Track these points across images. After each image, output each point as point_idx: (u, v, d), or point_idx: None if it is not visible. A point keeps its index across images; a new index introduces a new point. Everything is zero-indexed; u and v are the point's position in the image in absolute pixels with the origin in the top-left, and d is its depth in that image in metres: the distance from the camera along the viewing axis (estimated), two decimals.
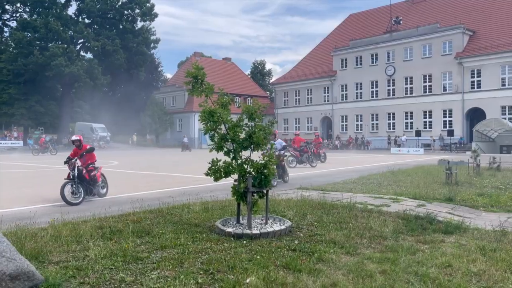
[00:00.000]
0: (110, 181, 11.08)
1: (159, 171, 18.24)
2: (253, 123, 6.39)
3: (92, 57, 52.92)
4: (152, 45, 59.71)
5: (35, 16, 48.64)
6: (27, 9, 51.19)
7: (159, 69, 74.41)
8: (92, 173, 9.95)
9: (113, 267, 4.41)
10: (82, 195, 9.40)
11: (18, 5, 51.48)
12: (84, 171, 9.69)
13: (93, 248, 5.08)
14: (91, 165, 10.13)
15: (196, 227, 6.28)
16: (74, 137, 10.41)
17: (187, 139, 44.07)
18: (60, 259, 4.70)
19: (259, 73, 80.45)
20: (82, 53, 53.59)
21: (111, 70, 52.26)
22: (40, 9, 48.64)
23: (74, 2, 52.40)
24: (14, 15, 52.92)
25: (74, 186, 9.32)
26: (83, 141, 10.34)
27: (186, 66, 60.37)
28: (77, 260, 4.67)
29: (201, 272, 4.27)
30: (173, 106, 57.02)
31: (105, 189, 10.53)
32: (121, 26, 54.74)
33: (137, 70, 56.03)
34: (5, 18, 53.26)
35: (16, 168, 20.93)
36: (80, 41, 52.21)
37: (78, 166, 9.56)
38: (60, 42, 47.98)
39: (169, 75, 75.98)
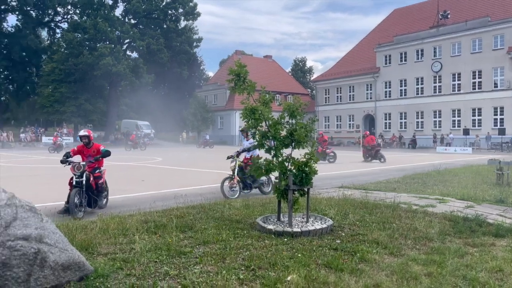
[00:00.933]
0: (155, 177, 11.38)
1: (200, 168, 18.52)
2: (294, 121, 6.36)
3: (137, 56, 54.57)
4: (194, 44, 60.76)
5: (85, 17, 50.75)
6: (77, 11, 53.50)
7: (201, 67, 75.66)
8: (100, 181, 8.19)
9: (157, 260, 4.54)
10: (83, 209, 7.70)
11: (69, 7, 53.99)
12: (91, 179, 7.97)
13: (139, 241, 5.25)
14: (98, 171, 8.27)
15: (237, 224, 6.35)
16: (82, 132, 8.36)
17: (208, 136, 46.46)
18: (108, 251, 4.90)
19: (300, 70, 79.96)
20: (128, 52, 55.40)
21: (155, 69, 53.67)
22: (90, 11, 50.68)
23: (121, 3, 54.24)
24: (65, 17, 55.58)
25: (80, 196, 7.64)
26: (93, 138, 8.49)
27: (228, 64, 60.97)
28: (124, 252, 4.85)
29: (243, 268, 4.31)
30: (215, 104, 57.78)
31: (105, 199, 8.57)
32: (165, 26, 56.06)
33: (180, 68, 57.19)
34: (57, 20, 56.01)
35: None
36: (126, 41, 53.96)
37: (86, 172, 7.84)
38: (107, 42, 49.80)
39: (210, 73, 77.11)
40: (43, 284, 3.65)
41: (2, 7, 50.90)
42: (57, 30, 56.35)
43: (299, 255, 4.74)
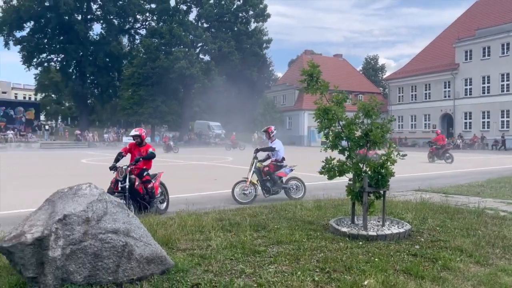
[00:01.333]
0: (226, 177, 11.64)
1: None
2: (369, 121, 6.18)
3: (209, 59, 56.32)
4: (264, 45, 61.36)
5: (161, 23, 53.40)
6: (155, 18, 56.48)
7: (270, 68, 76.21)
8: (149, 185, 7.57)
9: (233, 258, 4.65)
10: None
11: (147, 14, 57.15)
12: (137, 183, 7.39)
13: (215, 238, 5.41)
14: (146, 174, 7.65)
15: (310, 225, 6.31)
16: (134, 132, 7.96)
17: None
18: (186, 247, 5.11)
19: (371, 68, 77.58)
20: (201, 55, 57.39)
21: (226, 71, 55.04)
22: (166, 17, 53.24)
23: (194, 9, 56.35)
24: (143, 23, 58.93)
25: (124, 202, 6.66)
26: (145, 138, 8.03)
27: (297, 64, 60.82)
28: (201, 249, 5.03)
29: (317, 270, 4.27)
30: (283, 104, 57.92)
31: (164, 204, 8.16)
32: (235, 29, 57.27)
33: (250, 70, 58.09)
34: (136, 27, 59.54)
35: None
36: (199, 44, 55.93)
37: (130, 176, 7.30)
38: (182, 46, 51.96)
39: (279, 74, 77.46)
40: (130, 275, 3.89)
41: (89, 16, 55.16)
42: (137, 37, 59.93)
43: (376, 259, 4.59)
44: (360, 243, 5.29)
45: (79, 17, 52.92)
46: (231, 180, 13.93)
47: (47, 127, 51.73)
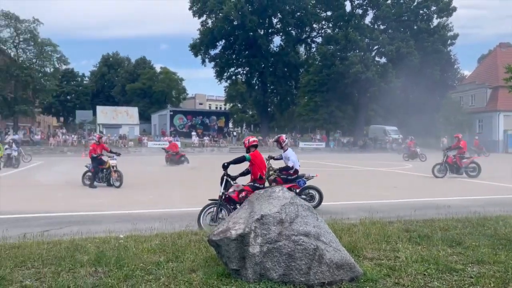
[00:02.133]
0: (407, 184, 10.99)
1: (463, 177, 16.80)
2: None
3: (386, 61, 54.28)
4: (449, 41, 56.02)
5: (337, 30, 53.88)
6: (330, 25, 57.34)
7: (455, 66, 69.04)
8: (242, 195, 7.28)
9: (426, 274, 4.32)
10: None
11: (323, 22, 58.42)
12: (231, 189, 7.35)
13: (403, 250, 5.14)
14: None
15: None
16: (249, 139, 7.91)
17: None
18: (373, 256, 4.98)
19: None
20: (377, 58, 55.75)
21: (404, 72, 52.17)
22: (341, 23, 53.51)
23: (371, 11, 55.10)
24: (319, 32, 60.42)
25: (218, 209, 7.13)
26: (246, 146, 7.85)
27: (489, 60, 53.67)
28: (389, 259, 4.83)
29: None
30: (472, 105, 51.71)
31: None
32: (415, 27, 53.87)
33: (431, 69, 53.72)
34: (312, 35, 61.45)
35: (320, 166, 23.72)
36: (375, 47, 54.44)
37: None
38: (357, 50, 51.41)
39: (466, 72, 69.54)
40: (320, 278, 3.99)
41: (270, 30, 59.44)
42: (313, 45, 61.76)
43: None
44: None
45: (262, 32, 57.44)
46: (411, 188, 13.15)
47: (234, 133, 57.75)
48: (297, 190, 8.98)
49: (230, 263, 4.16)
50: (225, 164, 7.34)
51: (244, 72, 61.07)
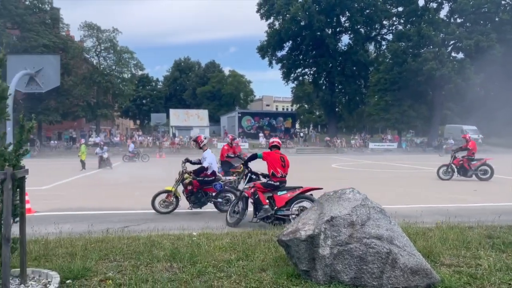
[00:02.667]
0: (487, 187, 10.23)
1: None
2: None
3: (463, 56, 51.00)
4: None
5: (408, 26, 51.58)
6: (401, 21, 55.04)
7: None
8: (251, 190, 7.69)
9: (511, 283, 4.01)
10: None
11: (394, 18, 56.21)
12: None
13: (485, 258, 4.82)
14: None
15: None
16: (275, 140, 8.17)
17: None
18: (451, 263, 4.72)
19: None
20: (453, 54, 52.60)
21: (484, 68, 48.64)
22: (413, 18, 51.16)
23: (446, 4, 52.10)
24: (390, 28, 58.21)
25: (237, 202, 7.86)
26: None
27: None
28: (469, 267, 4.55)
29: None
30: None
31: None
32: (497, 19, 50.06)
33: None
34: (382, 32, 59.36)
35: (389, 168, 22.84)
36: (451, 42, 51.36)
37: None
38: (431, 46, 48.85)
39: None
40: (394, 284, 3.86)
41: (338, 29, 58.41)
42: (383, 42, 59.62)
43: None
44: None
45: (329, 31, 56.59)
46: (493, 191, 12.24)
47: (301, 134, 57.49)
48: (213, 194, 8.90)
49: (300, 263, 4.16)
50: (244, 161, 8.25)
51: (311, 72, 60.65)
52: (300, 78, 61.49)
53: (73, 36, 51.53)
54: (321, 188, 6.90)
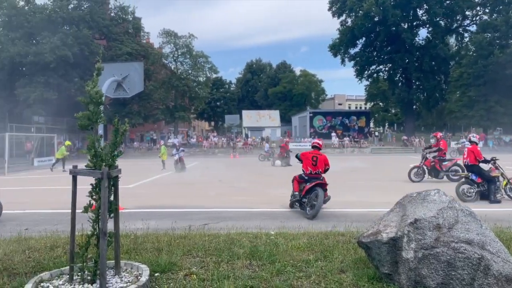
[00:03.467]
0: None
1: None
2: None
3: None
4: None
5: (495, 15, 47.77)
6: (487, 10, 51.10)
7: None
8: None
9: None
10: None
11: (478, 8, 52.34)
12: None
13: None
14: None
15: None
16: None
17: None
18: None
19: None
20: None
21: None
22: (500, 7, 47.30)
23: None
24: (473, 19, 54.26)
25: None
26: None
27: None
28: None
29: None
30: None
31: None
32: None
33: None
34: (465, 24, 55.50)
35: None
36: None
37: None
38: None
39: None
40: None
41: (415, 23, 55.63)
42: (465, 35, 55.72)
43: None
44: None
45: (405, 26, 54.09)
46: None
47: (376, 133, 55.53)
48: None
49: (382, 266, 4.05)
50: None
51: (386, 69, 58.44)
52: (374, 75, 59.47)
53: (153, 43, 54.55)
54: (327, 184, 8.93)
